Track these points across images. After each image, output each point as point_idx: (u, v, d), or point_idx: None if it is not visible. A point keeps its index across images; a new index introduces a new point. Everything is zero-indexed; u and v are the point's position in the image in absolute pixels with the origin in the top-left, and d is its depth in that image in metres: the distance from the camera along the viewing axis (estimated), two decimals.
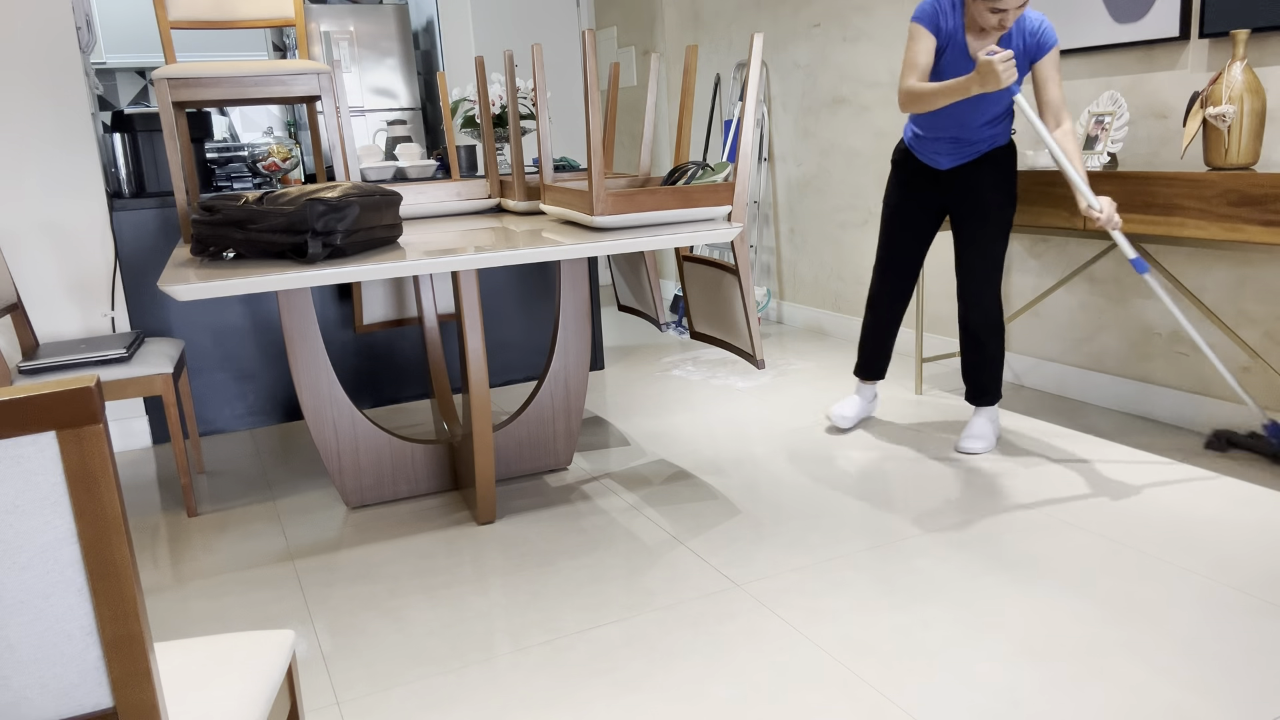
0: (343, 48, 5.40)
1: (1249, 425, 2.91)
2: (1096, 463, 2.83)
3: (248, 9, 2.92)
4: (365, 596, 2.24)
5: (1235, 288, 2.89)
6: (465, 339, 2.47)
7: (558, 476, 2.96)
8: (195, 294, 1.92)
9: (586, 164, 3.05)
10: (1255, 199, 2.44)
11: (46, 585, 0.84)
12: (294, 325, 2.57)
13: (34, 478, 0.81)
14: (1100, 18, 3.12)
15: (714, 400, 3.69)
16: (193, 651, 1.21)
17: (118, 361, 2.73)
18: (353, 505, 2.79)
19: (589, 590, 2.21)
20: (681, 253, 2.98)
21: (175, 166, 2.58)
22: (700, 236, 2.30)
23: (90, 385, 0.80)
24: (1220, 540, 2.30)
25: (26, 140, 3.18)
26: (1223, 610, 1.98)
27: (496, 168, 3.21)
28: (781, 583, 2.19)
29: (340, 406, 2.66)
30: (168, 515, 2.82)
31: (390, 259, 2.12)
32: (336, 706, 1.81)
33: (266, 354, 3.63)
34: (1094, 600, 2.05)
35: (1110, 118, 3.00)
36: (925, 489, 2.70)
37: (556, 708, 1.77)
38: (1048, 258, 3.49)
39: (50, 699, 0.88)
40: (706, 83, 5.45)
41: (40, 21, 3.14)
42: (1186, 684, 1.74)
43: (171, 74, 2.61)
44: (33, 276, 3.26)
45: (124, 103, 5.97)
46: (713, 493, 2.76)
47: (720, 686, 1.81)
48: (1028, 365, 3.64)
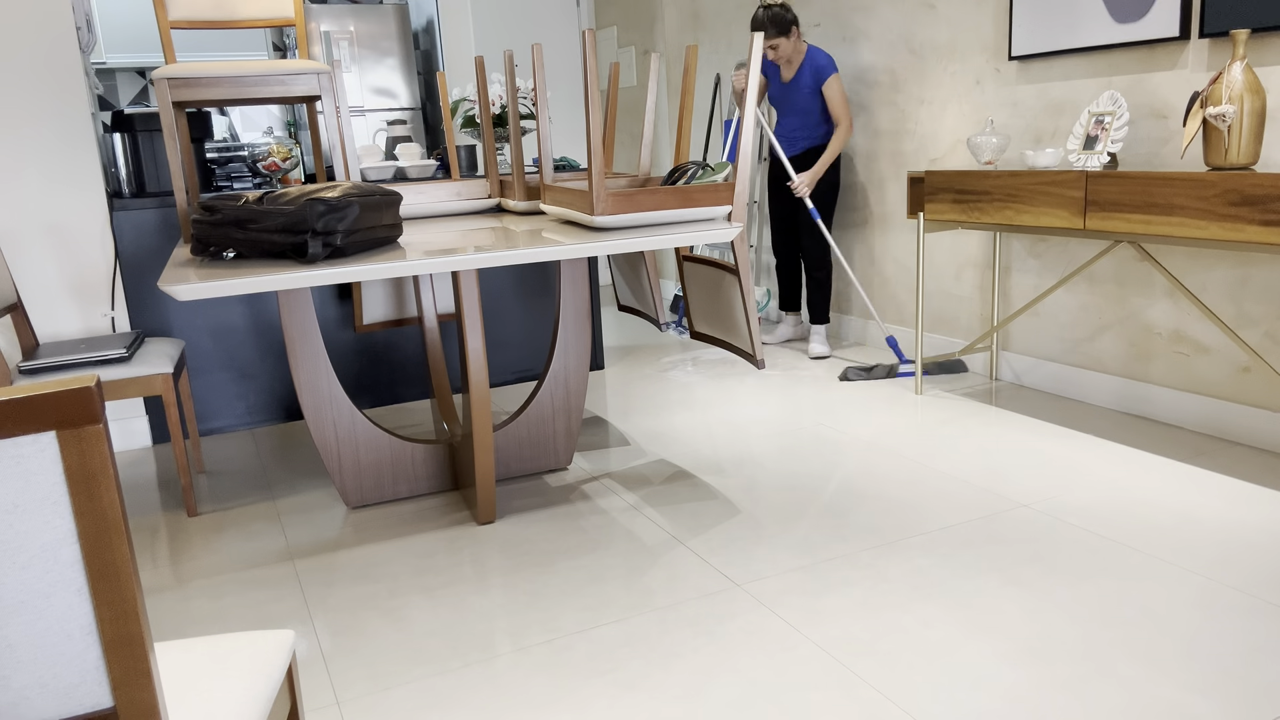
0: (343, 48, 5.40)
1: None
2: (1096, 463, 2.83)
3: (248, 9, 2.92)
4: (365, 596, 2.24)
5: (1235, 288, 2.89)
6: (465, 339, 2.47)
7: (558, 476, 2.96)
8: (195, 294, 1.92)
9: (586, 164, 3.04)
10: (1255, 199, 2.44)
11: (46, 585, 0.84)
12: (294, 325, 2.57)
13: (34, 478, 0.81)
14: (1100, 18, 3.12)
15: (714, 400, 3.69)
16: (193, 651, 1.21)
17: (118, 361, 2.73)
18: (353, 505, 2.79)
19: (589, 590, 2.21)
20: (681, 253, 2.98)
21: (175, 166, 2.58)
22: (700, 236, 2.30)
23: (90, 385, 0.80)
24: (1220, 540, 2.30)
25: (27, 140, 3.18)
26: (1223, 610, 1.98)
27: (496, 168, 3.21)
28: (781, 583, 2.19)
29: (340, 406, 2.66)
30: (168, 515, 2.82)
31: (390, 259, 2.12)
32: (336, 706, 1.81)
33: (266, 354, 3.63)
34: (1094, 600, 2.05)
35: (1110, 118, 3.00)
36: (925, 489, 2.70)
37: (556, 708, 1.77)
38: (1048, 258, 3.49)
39: (50, 699, 0.88)
40: (706, 83, 5.44)
41: (40, 21, 3.14)
42: (1186, 684, 1.74)
43: (171, 74, 2.61)
44: (33, 276, 3.26)
45: (124, 103, 5.97)
46: (713, 493, 2.76)
47: (720, 686, 1.81)
48: (1028, 365, 3.64)
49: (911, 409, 3.43)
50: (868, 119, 4.28)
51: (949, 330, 4.02)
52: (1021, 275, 3.61)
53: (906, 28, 3.99)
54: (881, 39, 4.13)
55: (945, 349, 4.02)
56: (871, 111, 4.25)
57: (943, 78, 3.85)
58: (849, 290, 4.58)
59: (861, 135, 4.34)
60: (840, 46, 4.38)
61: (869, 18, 4.18)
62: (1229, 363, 2.95)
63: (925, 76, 3.93)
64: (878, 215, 4.32)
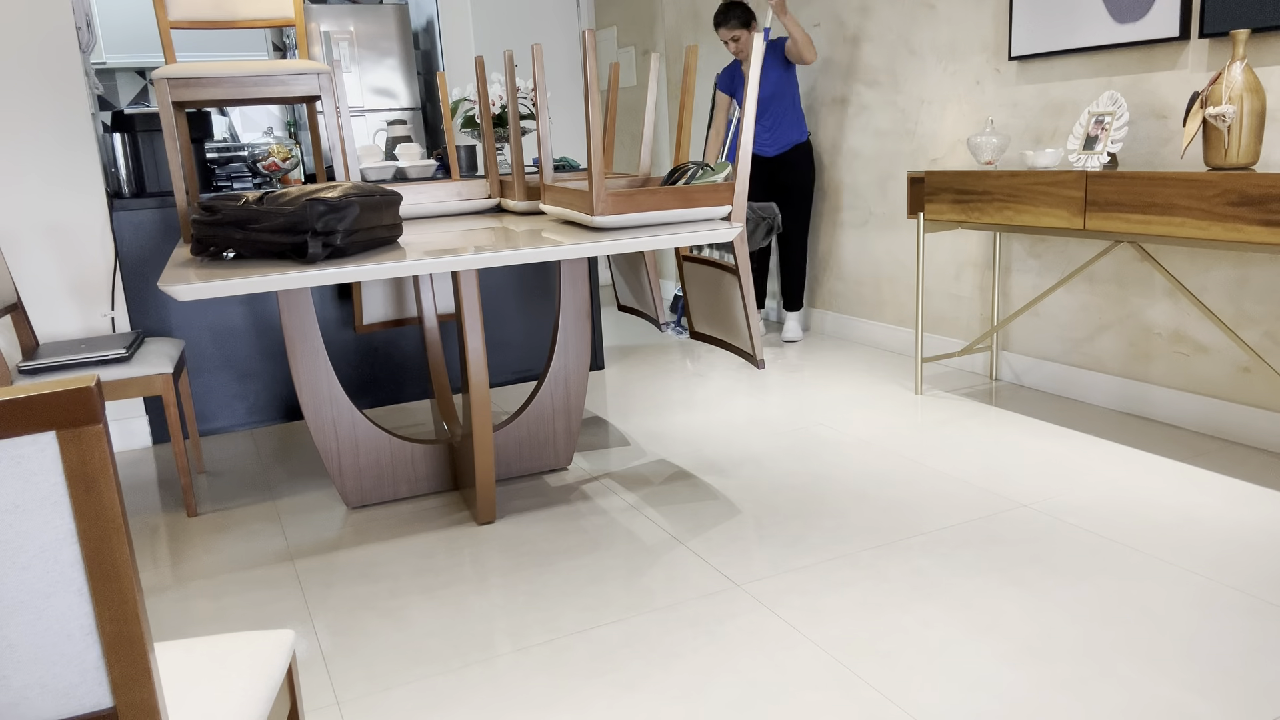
0: (343, 48, 5.40)
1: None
2: (1096, 463, 2.83)
3: (248, 9, 2.92)
4: (365, 596, 2.24)
5: (1235, 288, 2.89)
6: (465, 339, 2.47)
7: (558, 476, 2.96)
8: (195, 294, 1.92)
9: (586, 164, 3.04)
10: (1255, 199, 2.44)
11: (47, 585, 0.84)
12: (294, 325, 2.57)
13: (34, 478, 0.81)
14: (1100, 18, 3.12)
15: (714, 400, 3.69)
16: (193, 651, 1.21)
17: (118, 361, 2.73)
18: (353, 505, 2.79)
19: (589, 590, 2.21)
20: (681, 253, 2.98)
21: (175, 166, 2.58)
22: (700, 236, 2.30)
23: (90, 385, 0.80)
24: (1220, 540, 2.30)
25: (27, 140, 3.18)
26: (1223, 610, 1.98)
27: (496, 168, 3.21)
28: (781, 583, 2.19)
29: (340, 406, 2.66)
30: (168, 515, 2.82)
31: (390, 259, 2.12)
32: (336, 706, 1.81)
33: (266, 354, 3.63)
34: (1094, 600, 2.05)
35: (1110, 118, 3.00)
36: (925, 489, 2.70)
37: (556, 708, 1.77)
38: (1048, 258, 3.49)
39: (50, 699, 0.88)
40: (706, 83, 5.44)
41: (40, 21, 3.14)
42: (1186, 684, 1.74)
43: (171, 74, 2.61)
44: (33, 276, 3.26)
45: (124, 103, 5.97)
46: (713, 493, 2.76)
47: (720, 686, 1.81)
48: (1028, 365, 3.64)
49: (911, 409, 3.43)
50: (868, 119, 4.28)
51: (949, 330, 4.02)
52: (1021, 275, 3.61)
53: (906, 28, 3.99)
54: (881, 39, 4.13)
55: (945, 349, 4.02)
56: (872, 111, 4.25)
57: (943, 78, 3.85)
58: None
59: (861, 135, 4.34)
60: (840, 46, 4.38)
61: (869, 18, 4.18)
62: (1229, 363, 2.95)
63: (925, 76, 3.93)
64: (878, 215, 4.32)
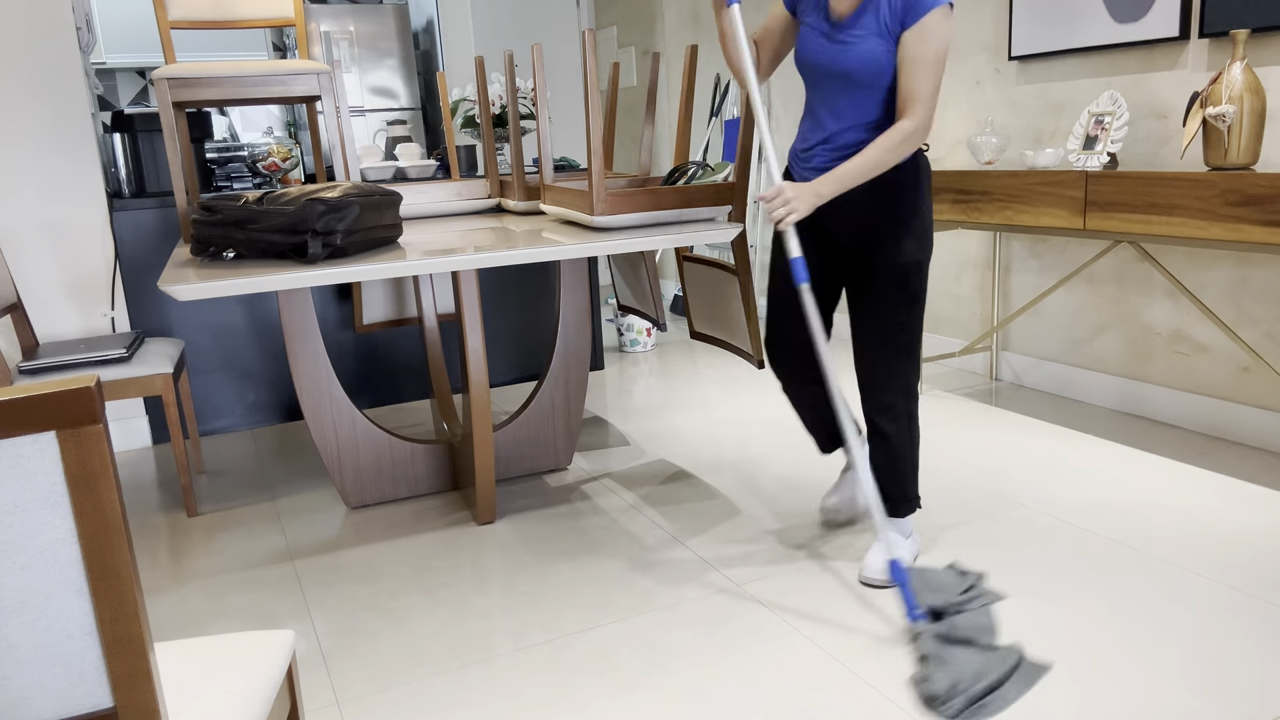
0: (343, 48, 5.40)
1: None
2: (1096, 463, 2.83)
3: (248, 9, 2.92)
4: (365, 596, 2.24)
5: (1235, 288, 2.89)
6: (465, 339, 2.47)
7: (558, 476, 2.96)
8: (195, 294, 1.92)
9: (586, 164, 3.04)
10: (1255, 199, 2.44)
11: (46, 585, 0.84)
12: (294, 325, 2.57)
13: (34, 478, 0.81)
14: (1100, 18, 3.12)
15: (714, 400, 3.69)
16: (193, 651, 1.21)
17: (118, 361, 2.72)
18: (353, 505, 2.78)
19: (589, 590, 2.21)
20: (681, 253, 2.98)
21: (175, 166, 2.58)
22: (700, 236, 2.30)
23: (90, 385, 0.80)
24: (1220, 540, 2.30)
25: (26, 140, 3.18)
26: (1223, 610, 1.98)
27: (496, 168, 3.21)
28: (781, 583, 2.19)
29: (340, 406, 2.66)
30: (168, 515, 2.82)
31: (390, 259, 2.12)
32: (336, 706, 1.81)
33: (266, 354, 3.63)
34: (1095, 600, 2.05)
35: (1110, 118, 3.00)
36: (925, 489, 2.70)
37: (556, 708, 1.77)
38: (1048, 258, 3.49)
39: (50, 699, 0.88)
40: (706, 83, 5.44)
41: (40, 21, 3.14)
42: (1187, 684, 1.74)
43: (171, 74, 2.61)
44: (33, 276, 3.26)
45: (124, 103, 5.97)
46: (713, 493, 2.76)
47: (720, 686, 1.81)
48: (1028, 365, 3.64)
49: None
50: None
51: (949, 330, 4.02)
52: (1021, 275, 3.61)
53: None
54: None
55: (945, 349, 4.02)
56: None
57: (943, 78, 3.85)
58: None
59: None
60: None
61: None
62: (1229, 363, 2.95)
63: None
64: None
